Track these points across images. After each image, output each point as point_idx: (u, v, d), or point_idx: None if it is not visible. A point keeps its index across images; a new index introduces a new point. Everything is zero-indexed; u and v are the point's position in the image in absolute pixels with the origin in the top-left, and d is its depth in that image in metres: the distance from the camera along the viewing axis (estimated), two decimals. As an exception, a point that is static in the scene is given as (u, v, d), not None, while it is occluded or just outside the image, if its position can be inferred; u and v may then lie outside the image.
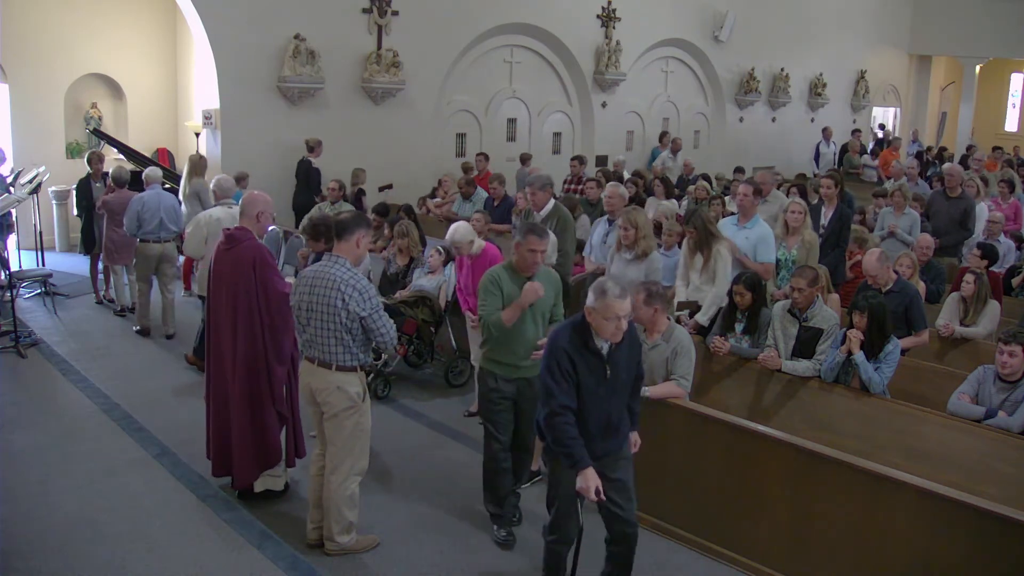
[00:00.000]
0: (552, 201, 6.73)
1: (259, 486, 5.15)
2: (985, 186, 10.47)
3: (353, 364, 4.44)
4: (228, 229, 5.08)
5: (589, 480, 3.76)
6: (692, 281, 6.22)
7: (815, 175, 15.12)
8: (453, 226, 6.07)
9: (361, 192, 10.74)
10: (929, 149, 17.75)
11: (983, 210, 9.44)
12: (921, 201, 8.79)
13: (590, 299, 3.82)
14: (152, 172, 8.65)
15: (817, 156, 16.39)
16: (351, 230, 4.41)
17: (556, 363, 3.82)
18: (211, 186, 7.78)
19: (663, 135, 14.81)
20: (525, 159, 12.18)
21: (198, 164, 9.59)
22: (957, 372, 5.53)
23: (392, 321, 4.53)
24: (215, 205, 7.36)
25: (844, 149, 16.25)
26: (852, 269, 7.25)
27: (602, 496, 3.82)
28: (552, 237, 6.10)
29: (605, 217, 7.07)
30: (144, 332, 8.40)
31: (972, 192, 9.39)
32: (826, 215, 7.58)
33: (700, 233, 6.11)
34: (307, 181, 10.51)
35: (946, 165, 10.12)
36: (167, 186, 10.27)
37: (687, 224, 6.27)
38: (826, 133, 16.85)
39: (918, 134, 19.04)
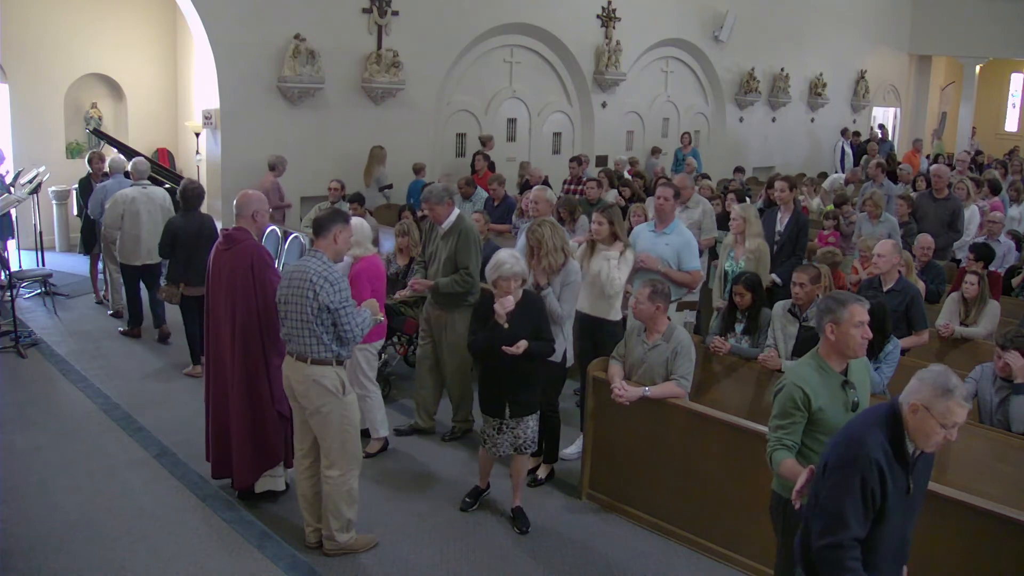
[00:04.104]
0: (455, 212, 5.98)
1: (259, 487, 5.15)
2: (978, 188, 10.39)
3: (327, 357, 4.42)
4: (227, 229, 5.09)
5: None
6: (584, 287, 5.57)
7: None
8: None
9: (527, 185, 10.79)
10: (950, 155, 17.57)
11: (974, 212, 9.39)
12: (909, 201, 8.71)
13: (924, 393, 2.93)
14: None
15: (844, 156, 16.35)
16: (327, 226, 4.46)
17: (862, 479, 2.82)
18: (128, 167, 8.37)
19: (684, 135, 14.78)
20: (532, 172, 11.95)
21: (379, 155, 10.65)
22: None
23: (363, 316, 4.48)
24: (131, 185, 8.05)
25: (862, 151, 16.20)
26: None
27: None
28: None
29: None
30: (118, 315, 8.65)
31: (962, 194, 9.30)
32: (782, 220, 7.28)
33: (609, 228, 5.50)
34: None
35: (933, 166, 9.99)
36: (167, 186, 10.29)
37: (600, 212, 5.59)
38: (845, 134, 16.83)
39: (920, 143, 18.97)
